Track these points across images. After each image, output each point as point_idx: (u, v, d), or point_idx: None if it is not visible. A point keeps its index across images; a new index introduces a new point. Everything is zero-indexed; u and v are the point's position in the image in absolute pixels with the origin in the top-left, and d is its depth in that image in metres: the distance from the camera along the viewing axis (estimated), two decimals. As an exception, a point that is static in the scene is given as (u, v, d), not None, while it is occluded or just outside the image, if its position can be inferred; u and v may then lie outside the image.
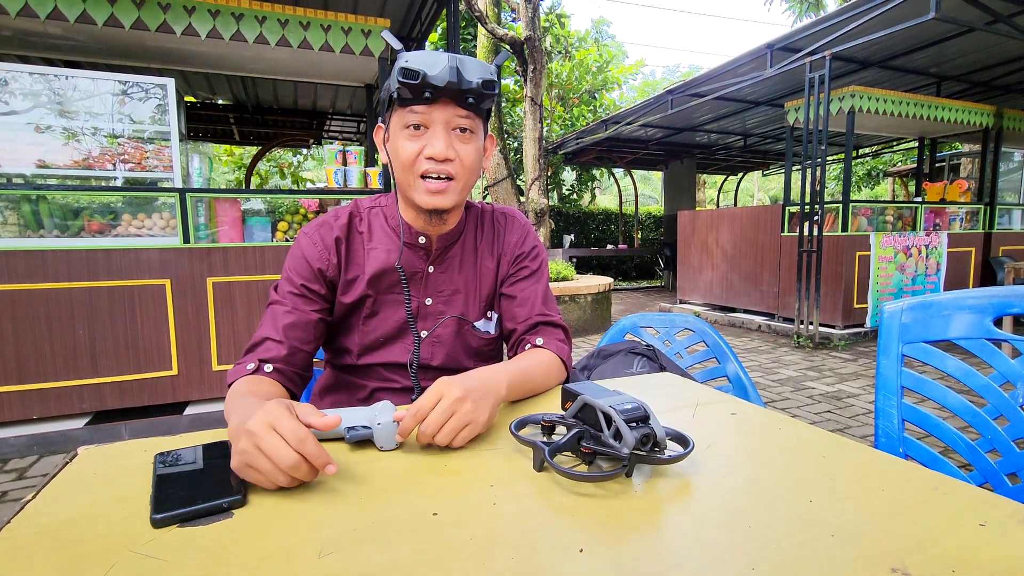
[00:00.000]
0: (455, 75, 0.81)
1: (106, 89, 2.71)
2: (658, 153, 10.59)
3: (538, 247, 1.06)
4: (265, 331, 0.88)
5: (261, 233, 2.97)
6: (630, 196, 12.93)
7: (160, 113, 2.79)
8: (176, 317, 2.77)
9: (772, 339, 5.27)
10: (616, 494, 0.55)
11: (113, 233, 2.71)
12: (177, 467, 0.60)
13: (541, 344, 0.97)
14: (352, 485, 0.57)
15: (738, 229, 6.16)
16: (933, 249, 5.36)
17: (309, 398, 1.09)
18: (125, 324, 2.69)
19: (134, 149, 2.73)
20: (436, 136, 0.84)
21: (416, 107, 0.83)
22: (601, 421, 0.60)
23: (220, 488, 0.54)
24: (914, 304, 0.93)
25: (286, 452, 0.53)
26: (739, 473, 0.60)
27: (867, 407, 3.15)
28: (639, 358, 1.23)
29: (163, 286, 2.73)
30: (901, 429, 0.92)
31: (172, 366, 2.78)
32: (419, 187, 0.86)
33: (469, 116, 0.85)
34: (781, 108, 6.77)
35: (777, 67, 5.01)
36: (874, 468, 0.61)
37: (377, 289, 0.95)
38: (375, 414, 0.67)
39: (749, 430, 0.74)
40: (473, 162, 0.88)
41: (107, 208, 2.76)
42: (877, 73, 5.85)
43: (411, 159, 0.85)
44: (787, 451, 0.66)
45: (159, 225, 2.77)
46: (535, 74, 6.15)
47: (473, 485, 0.57)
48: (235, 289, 2.87)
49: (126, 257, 2.66)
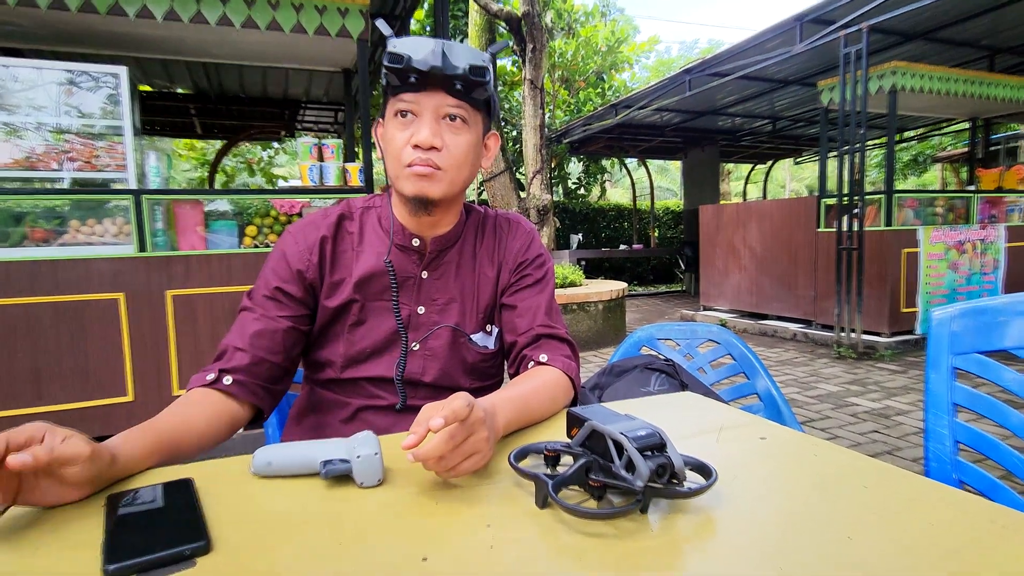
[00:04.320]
0: (440, 59, 0.84)
1: (51, 79, 2.73)
2: (676, 140, 10.62)
3: (544, 255, 1.08)
4: (231, 339, 0.92)
5: (227, 239, 2.98)
6: (645, 189, 12.97)
7: (112, 105, 2.81)
8: (131, 336, 2.77)
9: (809, 350, 5.26)
10: (629, 533, 0.55)
11: (59, 241, 2.72)
12: (133, 509, 0.60)
13: (546, 360, 0.98)
14: (329, 528, 0.57)
15: (768, 225, 6.17)
16: (990, 244, 5.36)
17: (285, 423, 1.10)
18: (73, 344, 2.69)
19: (83, 146, 2.75)
20: (423, 123, 0.88)
21: (405, 95, 0.88)
22: (611, 450, 0.61)
23: (182, 533, 0.54)
24: (966, 310, 0.93)
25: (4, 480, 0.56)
26: (769, 507, 0.60)
27: (919, 426, 3.14)
28: (657, 375, 1.24)
29: (116, 300, 2.74)
30: (954, 452, 0.92)
31: (127, 391, 2.78)
32: (405, 174, 0.90)
33: (460, 104, 0.89)
34: (814, 88, 6.79)
35: (808, 42, 5.03)
36: (923, 499, 0.61)
37: (365, 294, 0.97)
38: (354, 446, 0.67)
39: (781, 457, 0.74)
40: (464, 154, 0.91)
41: (52, 213, 2.77)
42: (922, 46, 5.87)
43: (399, 148, 0.89)
44: (824, 481, 0.66)
45: (111, 231, 2.77)
46: (535, 54, 6.19)
47: (467, 525, 0.57)
48: (198, 303, 2.87)
49: (74, 268, 2.67)
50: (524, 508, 0.60)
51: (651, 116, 8.65)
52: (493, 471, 0.70)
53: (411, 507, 0.61)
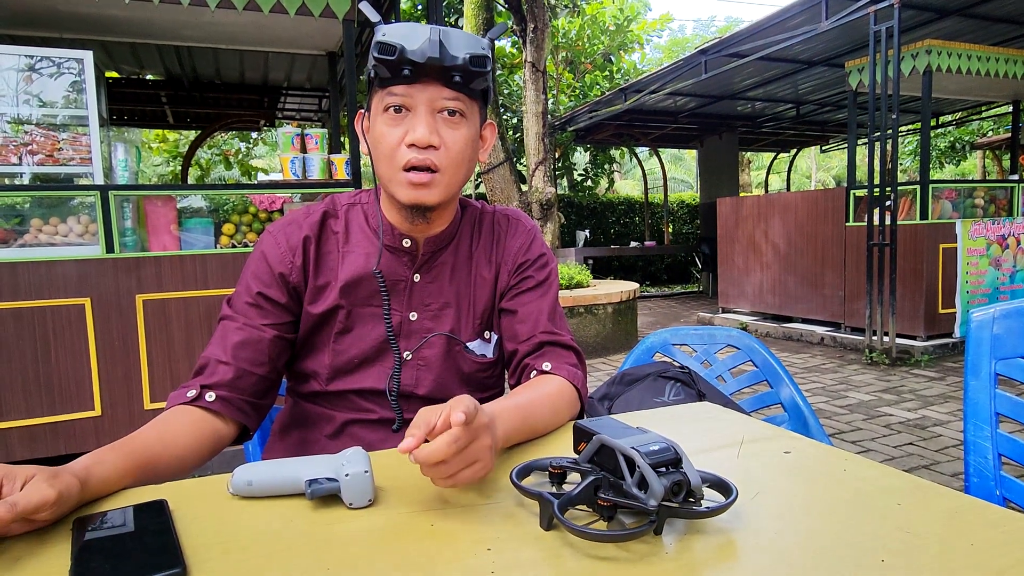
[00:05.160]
0: (437, 49, 0.83)
1: (9, 65, 2.74)
2: (691, 127, 10.64)
3: (546, 255, 1.08)
4: (212, 351, 0.92)
5: (202, 238, 2.98)
6: (658, 181, 12.98)
7: (76, 93, 2.82)
8: (98, 344, 2.77)
9: (838, 355, 5.26)
10: (642, 557, 0.55)
11: (19, 242, 2.72)
12: (103, 533, 0.60)
13: (549, 369, 0.98)
14: (315, 552, 0.57)
15: (792, 219, 6.17)
16: (1035, 239, 5.36)
17: (267, 438, 1.10)
18: (35, 354, 2.69)
19: (44, 138, 2.76)
20: (418, 119, 0.87)
21: (396, 87, 0.87)
22: (622, 466, 0.61)
23: (156, 558, 0.54)
24: (1008, 311, 0.93)
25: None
26: (794, 528, 0.60)
27: (958, 437, 3.14)
28: (672, 383, 1.24)
29: (82, 306, 2.74)
30: (997, 466, 0.92)
31: (94, 405, 2.79)
32: (400, 180, 0.89)
33: (457, 97, 0.88)
34: (841, 69, 6.80)
35: (834, 19, 5.04)
36: (962, 517, 0.61)
37: (351, 300, 0.97)
38: (343, 463, 0.67)
39: (807, 473, 0.74)
40: (462, 151, 0.91)
41: (11, 211, 2.77)
42: (958, 23, 5.88)
43: (392, 147, 0.89)
44: (854, 498, 0.66)
45: (76, 231, 2.78)
46: (536, 34, 6.20)
47: (466, 549, 0.57)
48: (171, 308, 2.87)
49: (35, 271, 2.67)
50: (527, 530, 0.60)
51: (664, 101, 8.66)
52: (493, 489, 0.70)
53: (404, 530, 0.61)
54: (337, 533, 0.61)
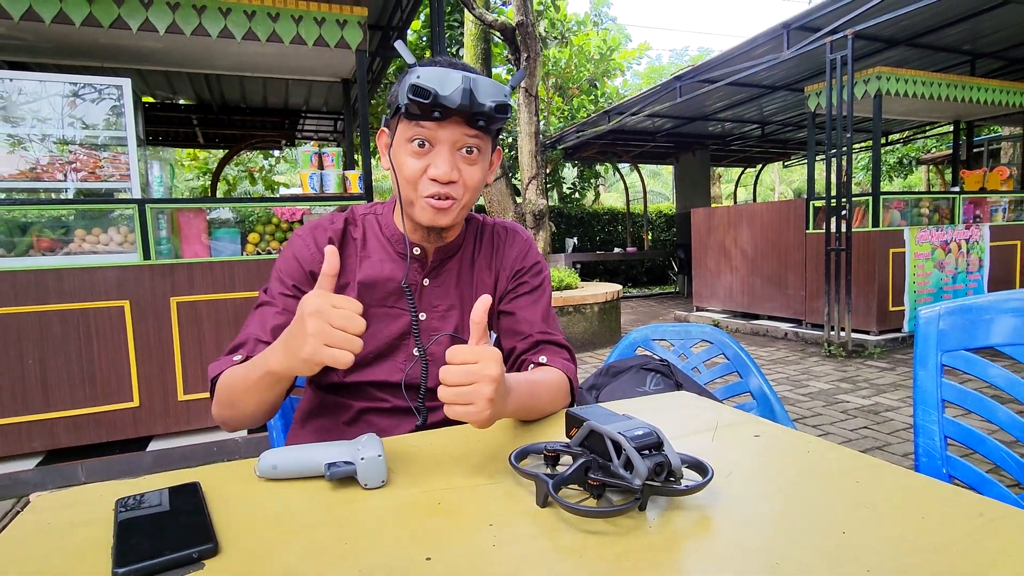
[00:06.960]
0: (468, 97, 0.83)
1: (55, 91, 2.73)
2: (668, 145, 10.64)
3: (540, 263, 1.09)
4: (252, 330, 0.92)
5: (230, 246, 2.97)
6: (638, 193, 12.99)
7: (115, 116, 2.81)
8: (136, 342, 2.76)
9: (800, 348, 5.27)
10: (628, 531, 0.55)
11: (65, 251, 2.71)
12: (141, 512, 0.60)
13: (545, 362, 0.98)
14: (334, 528, 0.57)
15: (758, 227, 6.18)
16: (974, 244, 5.39)
17: (290, 426, 1.10)
18: (80, 351, 2.68)
19: (87, 157, 2.74)
20: (441, 157, 0.87)
21: (424, 123, 0.87)
22: (610, 449, 0.61)
23: (189, 535, 0.54)
24: (952, 308, 0.93)
25: (356, 319, 0.67)
26: (764, 503, 0.60)
27: (908, 421, 3.15)
28: (652, 375, 1.24)
29: (122, 308, 2.73)
30: (944, 447, 0.93)
31: (133, 397, 2.77)
32: (422, 204, 0.90)
33: (478, 136, 0.89)
34: (801, 93, 6.82)
35: (795, 48, 5.06)
36: (914, 494, 0.61)
37: (367, 300, 0.97)
38: (358, 448, 0.67)
39: (775, 454, 0.74)
40: (477, 182, 0.92)
41: (58, 223, 2.76)
42: (905, 52, 5.91)
43: (415, 177, 0.89)
44: (817, 476, 0.66)
45: (116, 240, 2.77)
46: (529, 63, 6.20)
47: (470, 525, 0.57)
48: (202, 309, 2.86)
49: (80, 277, 2.66)
50: (525, 507, 0.60)
51: (643, 122, 8.67)
52: (493, 471, 0.70)
53: (414, 508, 0.61)
54: (354, 511, 0.61)
